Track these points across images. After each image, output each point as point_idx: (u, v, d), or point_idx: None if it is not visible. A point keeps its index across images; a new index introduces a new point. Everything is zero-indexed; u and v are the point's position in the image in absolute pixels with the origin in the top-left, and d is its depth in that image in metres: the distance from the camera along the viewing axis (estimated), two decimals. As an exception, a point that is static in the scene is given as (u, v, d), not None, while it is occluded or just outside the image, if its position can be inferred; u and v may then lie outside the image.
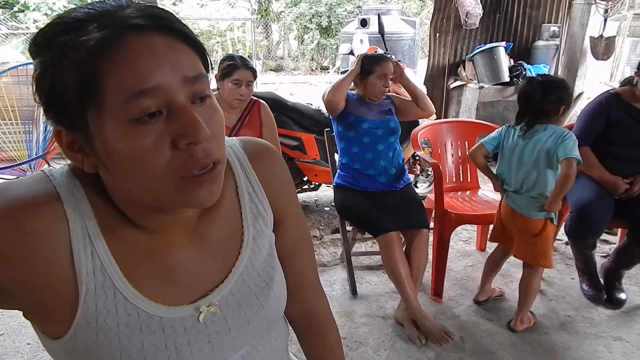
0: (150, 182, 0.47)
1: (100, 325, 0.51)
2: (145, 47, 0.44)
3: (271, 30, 12.73)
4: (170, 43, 0.46)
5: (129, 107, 0.44)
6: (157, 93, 0.45)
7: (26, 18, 9.31)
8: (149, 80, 0.44)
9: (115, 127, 0.45)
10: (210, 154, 0.48)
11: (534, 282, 1.93)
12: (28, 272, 0.48)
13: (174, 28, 0.47)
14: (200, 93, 0.48)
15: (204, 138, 0.46)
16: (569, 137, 1.77)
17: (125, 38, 0.44)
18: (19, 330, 2.00)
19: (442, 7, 4.39)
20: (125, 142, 0.45)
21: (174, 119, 0.46)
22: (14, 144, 3.41)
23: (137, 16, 0.45)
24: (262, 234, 0.65)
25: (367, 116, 2.16)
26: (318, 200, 3.58)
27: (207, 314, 0.58)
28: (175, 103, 0.46)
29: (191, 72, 0.47)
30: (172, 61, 0.46)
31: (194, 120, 0.46)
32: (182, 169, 0.47)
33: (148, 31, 0.45)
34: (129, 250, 0.54)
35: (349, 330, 2.00)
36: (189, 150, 0.46)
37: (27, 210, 0.48)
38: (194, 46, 0.49)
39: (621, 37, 7.05)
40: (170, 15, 0.48)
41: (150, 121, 0.45)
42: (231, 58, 2.15)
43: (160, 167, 0.46)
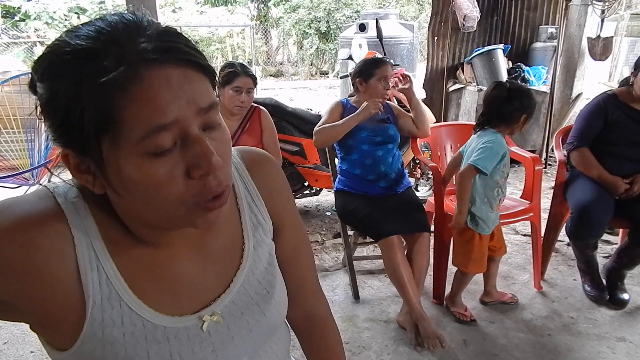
0: (163, 208, 0.49)
1: (106, 336, 0.52)
2: (163, 81, 0.44)
3: (270, 36, 12.79)
4: (186, 74, 0.46)
5: (147, 142, 0.44)
6: (173, 127, 0.45)
7: (27, 27, 9.37)
8: (166, 115, 0.45)
9: (131, 158, 0.45)
10: (222, 181, 0.50)
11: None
12: (34, 288, 0.49)
13: (188, 59, 0.47)
14: (213, 122, 0.49)
15: (216, 168, 0.48)
16: (486, 147, 1.82)
17: (142, 72, 0.44)
18: (22, 339, 2.00)
19: (440, 10, 4.41)
20: (141, 173, 0.46)
21: (188, 150, 0.47)
22: (16, 152, 3.42)
23: (153, 49, 0.45)
24: (262, 243, 0.66)
25: (364, 125, 2.17)
26: (319, 205, 3.59)
27: (211, 323, 0.59)
28: (190, 134, 0.47)
29: (205, 103, 0.48)
30: (188, 93, 0.46)
31: (208, 151, 0.47)
32: (196, 197, 0.49)
33: (165, 64, 0.45)
34: (132, 263, 0.55)
35: (351, 335, 2.01)
36: (203, 180, 0.48)
37: (31, 227, 0.48)
38: (206, 73, 0.49)
39: (619, 38, 7.08)
40: (184, 43, 0.48)
41: (165, 152, 0.46)
42: (231, 65, 2.16)
43: (174, 196, 0.48)
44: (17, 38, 8.91)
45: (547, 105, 4.31)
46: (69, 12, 9.62)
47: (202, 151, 0.47)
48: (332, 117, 2.21)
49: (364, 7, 11.12)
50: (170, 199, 0.48)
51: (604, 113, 2.16)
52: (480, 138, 1.91)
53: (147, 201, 0.48)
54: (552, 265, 2.54)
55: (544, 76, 4.38)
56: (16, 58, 8.05)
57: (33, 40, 8.90)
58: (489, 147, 1.83)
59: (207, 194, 0.49)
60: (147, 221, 0.52)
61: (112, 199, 0.52)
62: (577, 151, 2.22)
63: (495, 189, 1.91)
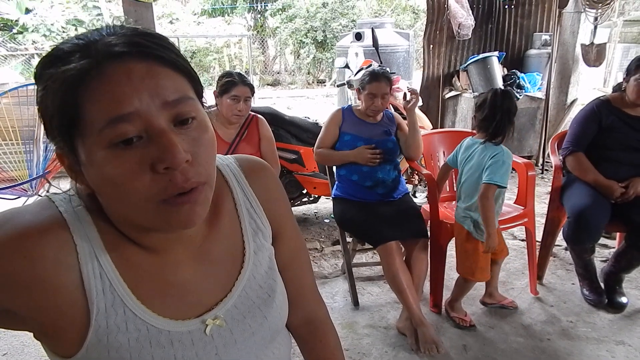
0: (133, 204, 0.49)
1: (111, 341, 0.53)
2: (123, 74, 0.46)
3: (267, 46, 12.86)
4: (149, 68, 0.47)
5: (108, 133, 0.46)
6: (135, 118, 0.46)
7: (25, 39, 9.40)
8: (126, 106, 0.45)
9: (98, 152, 0.47)
10: (190, 177, 0.48)
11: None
12: (38, 298, 0.49)
13: (153, 54, 0.47)
14: (184, 115, 0.49)
15: (181, 162, 0.47)
16: (497, 161, 1.81)
17: (104, 66, 0.45)
18: (21, 350, 2.00)
19: (435, 19, 4.46)
20: (108, 166, 0.47)
21: (153, 144, 0.47)
22: (15, 163, 3.43)
23: (117, 44, 0.46)
24: (262, 248, 0.67)
25: (363, 135, 2.19)
26: (318, 213, 3.60)
27: (213, 326, 0.60)
28: (154, 128, 0.47)
29: (172, 96, 0.48)
30: (151, 86, 0.47)
31: (171, 144, 0.47)
32: (161, 193, 0.48)
33: (127, 58, 0.46)
34: (135, 269, 0.56)
35: (351, 342, 2.01)
36: (168, 174, 0.47)
37: (34, 237, 0.49)
38: (177, 69, 0.50)
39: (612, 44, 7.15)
40: (153, 40, 0.49)
41: (131, 146, 0.47)
42: (229, 75, 2.18)
43: (141, 190, 0.47)
44: (15, 50, 8.94)
45: (542, 112, 4.34)
46: (67, 24, 9.66)
47: (166, 144, 0.46)
48: (329, 131, 2.24)
49: (360, 16, 11.22)
50: (137, 194, 0.47)
51: (598, 118, 2.19)
52: (485, 152, 1.88)
53: (118, 197, 0.49)
54: (550, 269, 2.55)
55: (539, 82, 4.42)
56: (14, 70, 8.07)
57: (31, 52, 8.93)
58: (501, 161, 1.81)
59: (172, 190, 0.48)
60: (130, 221, 0.53)
61: (100, 201, 0.53)
62: (573, 156, 2.24)
63: (500, 198, 1.93)
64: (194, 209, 0.50)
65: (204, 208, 0.52)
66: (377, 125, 2.23)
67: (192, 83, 0.52)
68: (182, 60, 0.51)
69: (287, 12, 11.92)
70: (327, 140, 2.23)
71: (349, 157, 2.18)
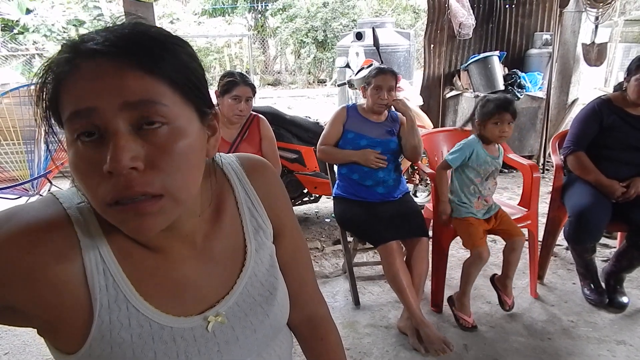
0: (92, 202, 0.49)
1: (114, 337, 0.53)
2: (92, 72, 0.46)
3: (268, 46, 12.87)
4: (119, 68, 0.46)
5: (68, 126, 0.47)
6: (92, 115, 0.46)
7: (25, 40, 9.41)
8: (85, 101, 0.46)
9: (68, 145, 0.48)
10: (133, 186, 0.46)
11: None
12: (42, 294, 0.50)
13: (127, 54, 0.46)
14: (147, 118, 0.47)
15: (122, 168, 0.45)
16: (457, 146, 2.09)
17: (78, 63, 0.46)
18: (23, 349, 2.00)
19: (436, 18, 4.46)
20: (73, 159, 0.48)
21: (105, 143, 0.46)
22: (16, 163, 3.44)
23: (99, 42, 0.47)
24: (263, 246, 0.68)
25: (367, 133, 2.19)
26: (318, 212, 3.60)
27: (215, 323, 0.60)
28: (109, 128, 0.46)
29: (134, 97, 0.46)
30: (113, 85, 0.46)
31: (116, 148, 0.45)
32: (105, 195, 0.46)
33: (101, 56, 0.46)
34: (137, 266, 0.56)
35: (352, 341, 2.01)
36: (112, 178, 0.46)
37: (38, 234, 0.49)
38: (153, 72, 0.47)
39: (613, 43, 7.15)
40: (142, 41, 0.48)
41: (88, 142, 0.47)
42: (230, 74, 2.19)
43: (93, 189, 0.47)
44: (15, 51, 8.95)
45: (543, 111, 4.34)
46: (67, 24, 9.67)
47: (112, 148, 0.45)
48: (333, 128, 2.24)
49: (361, 16, 11.22)
50: (92, 193, 0.47)
51: (599, 117, 2.18)
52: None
53: (85, 194, 0.49)
54: (551, 269, 2.55)
55: (539, 82, 4.42)
56: (15, 71, 8.08)
57: (32, 52, 8.94)
58: (459, 146, 2.08)
59: (113, 195, 0.46)
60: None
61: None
62: (574, 155, 2.24)
63: (470, 186, 2.07)
64: (142, 220, 0.48)
65: (157, 221, 0.49)
66: (381, 124, 2.23)
67: (178, 90, 0.50)
68: (169, 66, 0.49)
69: (288, 11, 11.92)
70: (331, 137, 2.24)
71: (353, 157, 2.18)
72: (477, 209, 2.07)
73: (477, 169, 2.04)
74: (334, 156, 2.26)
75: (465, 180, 2.07)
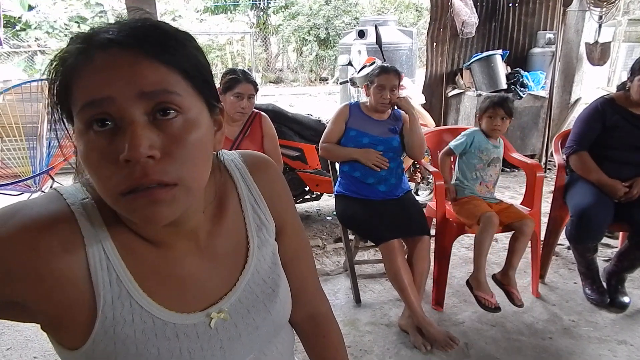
0: (104, 191, 0.49)
1: (117, 333, 0.53)
2: (107, 62, 0.46)
3: (270, 43, 12.86)
4: (135, 58, 0.47)
5: (82, 116, 0.47)
6: (108, 104, 0.46)
7: (28, 36, 9.42)
8: (99, 90, 0.46)
9: (79, 137, 0.48)
10: (149, 174, 0.46)
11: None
12: (46, 290, 0.50)
13: (142, 45, 0.47)
14: (163, 108, 0.48)
15: (140, 156, 0.45)
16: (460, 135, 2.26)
17: (93, 54, 0.47)
18: (25, 345, 2.01)
19: (438, 17, 4.45)
20: (84, 150, 0.48)
21: (120, 133, 0.46)
22: (19, 160, 3.44)
23: (112, 33, 0.47)
24: (266, 243, 0.68)
25: (369, 131, 2.19)
26: (320, 210, 3.60)
27: (218, 320, 0.60)
28: (125, 117, 0.46)
29: (150, 87, 0.47)
30: (129, 75, 0.46)
31: (134, 136, 0.45)
32: (120, 184, 0.46)
33: (114, 46, 0.47)
34: (140, 263, 0.56)
35: (353, 339, 2.01)
36: (128, 166, 0.46)
37: (42, 229, 0.49)
38: (169, 63, 0.48)
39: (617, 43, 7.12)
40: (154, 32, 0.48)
41: (102, 132, 0.47)
42: (233, 72, 2.19)
43: (107, 178, 0.47)
44: (17, 47, 8.96)
45: (546, 110, 4.33)
46: (70, 21, 9.68)
47: (130, 136, 0.45)
48: (336, 125, 2.24)
49: (363, 14, 11.21)
50: (104, 183, 0.47)
51: (602, 117, 2.18)
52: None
53: (96, 183, 0.49)
54: (553, 268, 2.55)
55: (542, 81, 4.41)
56: (17, 67, 8.09)
57: (34, 49, 8.95)
58: (461, 135, 2.25)
59: (128, 183, 0.46)
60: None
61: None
62: (576, 155, 2.24)
63: (472, 172, 2.20)
64: (155, 208, 0.48)
65: (169, 209, 0.49)
66: (384, 122, 2.23)
67: (190, 81, 0.51)
68: (182, 57, 0.50)
69: (290, 9, 11.91)
70: (334, 134, 2.24)
71: (355, 155, 2.17)
72: (480, 193, 2.20)
73: (479, 155, 2.18)
74: (336, 154, 2.26)
75: (469, 165, 2.20)
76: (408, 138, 2.21)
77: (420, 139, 2.21)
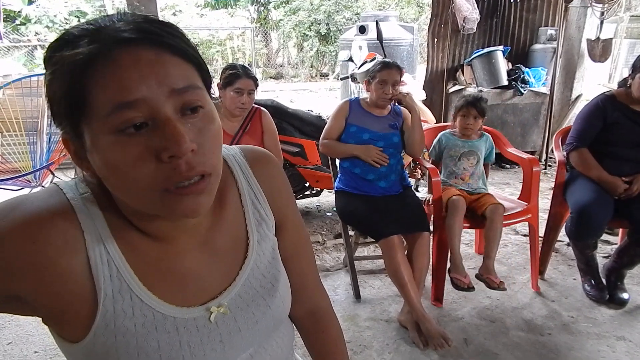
0: (136, 192, 0.49)
1: (118, 327, 0.54)
2: (131, 60, 0.46)
3: (270, 39, 12.82)
4: (158, 56, 0.47)
5: (113, 119, 0.45)
6: (141, 105, 0.46)
7: (27, 31, 9.40)
8: (132, 92, 0.45)
9: (103, 138, 0.47)
10: (194, 167, 0.48)
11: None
12: (47, 283, 0.50)
13: (162, 41, 0.47)
14: (191, 104, 0.49)
15: (186, 151, 0.47)
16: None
17: (113, 52, 0.45)
18: (26, 339, 2.01)
19: (440, 12, 4.43)
20: (112, 153, 0.47)
21: (158, 131, 0.47)
22: (19, 155, 3.44)
23: (126, 30, 0.46)
24: (265, 238, 0.68)
25: (369, 127, 2.19)
26: (320, 206, 3.60)
27: (218, 314, 0.60)
28: (160, 115, 0.47)
29: (179, 84, 0.48)
30: (159, 74, 0.46)
31: (177, 132, 0.46)
32: (165, 182, 0.48)
33: (136, 44, 0.46)
34: (141, 257, 0.56)
35: (353, 334, 2.02)
36: (172, 163, 0.47)
37: (43, 223, 0.50)
38: (186, 58, 0.49)
39: (618, 39, 7.09)
40: (163, 28, 0.49)
41: (136, 133, 0.46)
42: (233, 67, 2.18)
43: (145, 179, 0.47)
44: (17, 42, 8.93)
45: (546, 107, 4.33)
46: (70, 15, 9.65)
47: (171, 133, 0.46)
48: (336, 122, 2.24)
49: (364, 9, 11.16)
50: (141, 182, 0.47)
51: (603, 114, 2.17)
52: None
53: (123, 185, 0.49)
54: (552, 265, 2.55)
55: (543, 77, 4.40)
56: (17, 62, 8.07)
57: (34, 44, 8.92)
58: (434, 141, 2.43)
59: (176, 178, 0.48)
60: (135, 209, 0.53)
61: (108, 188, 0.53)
62: (577, 152, 2.24)
63: (447, 168, 2.35)
64: (198, 199, 0.50)
65: (208, 198, 0.52)
66: (384, 118, 2.23)
67: (200, 73, 0.52)
68: (192, 50, 0.51)
69: (291, 4, 11.86)
70: (334, 131, 2.24)
71: (355, 152, 2.18)
72: (457, 184, 2.30)
73: (449, 153, 2.33)
74: (336, 150, 2.26)
75: (445, 164, 2.36)
76: (408, 135, 2.21)
77: (421, 137, 2.22)
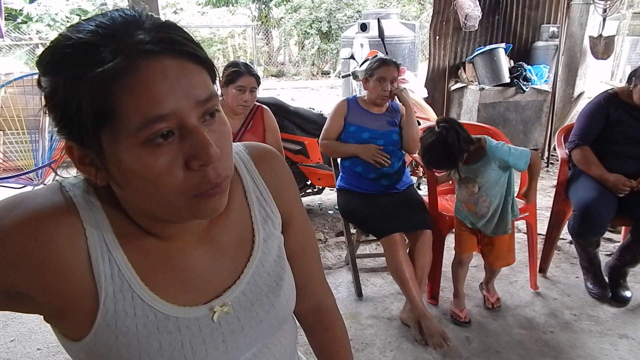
0: (163, 198, 0.49)
1: (119, 326, 0.53)
2: (159, 73, 0.45)
3: (272, 37, 12.81)
4: (182, 66, 0.47)
5: (143, 132, 0.45)
6: (171, 118, 0.46)
7: (29, 29, 9.40)
8: (163, 106, 0.45)
9: (129, 149, 0.46)
10: (221, 172, 0.50)
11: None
12: (48, 280, 0.50)
13: (184, 50, 0.47)
14: (210, 110, 0.50)
15: (215, 159, 0.48)
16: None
17: (139, 64, 0.44)
18: (29, 337, 2.02)
19: (441, 10, 4.42)
20: (140, 164, 0.46)
21: (186, 141, 0.48)
22: (21, 153, 3.45)
23: (150, 41, 0.45)
24: (271, 236, 0.67)
25: (368, 126, 2.18)
26: (322, 204, 3.60)
27: (221, 313, 0.60)
28: (188, 125, 0.47)
29: (203, 95, 0.48)
30: (185, 85, 0.47)
31: (205, 141, 0.48)
32: (194, 189, 0.49)
33: (162, 55, 0.46)
34: (143, 256, 0.56)
35: (355, 332, 2.02)
36: (201, 170, 0.48)
37: (45, 220, 0.50)
38: (204, 65, 0.50)
39: (621, 36, 7.08)
40: (182, 35, 0.48)
41: (164, 143, 0.47)
42: (235, 65, 2.18)
43: (173, 187, 0.48)
44: (19, 40, 8.94)
45: (549, 104, 4.31)
46: (71, 14, 9.65)
47: (200, 142, 0.47)
48: (334, 121, 2.23)
49: (365, 7, 11.13)
50: (169, 191, 0.48)
51: (605, 112, 2.17)
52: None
53: (147, 192, 0.49)
54: (555, 263, 2.55)
55: (545, 75, 4.38)
56: (19, 60, 8.07)
57: (35, 42, 8.92)
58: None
59: (206, 186, 0.49)
60: (149, 213, 0.53)
61: (116, 192, 0.53)
62: (579, 150, 2.23)
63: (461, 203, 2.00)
64: (221, 199, 0.52)
65: (226, 196, 0.54)
66: (382, 116, 2.22)
67: (211, 75, 0.52)
68: (204, 53, 0.51)
69: (292, 2, 11.85)
70: (333, 131, 2.23)
71: (355, 151, 2.17)
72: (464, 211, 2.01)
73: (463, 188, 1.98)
74: (336, 150, 2.25)
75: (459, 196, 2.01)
76: (404, 131, 2.21)
77: (415, 132, 2.21)
